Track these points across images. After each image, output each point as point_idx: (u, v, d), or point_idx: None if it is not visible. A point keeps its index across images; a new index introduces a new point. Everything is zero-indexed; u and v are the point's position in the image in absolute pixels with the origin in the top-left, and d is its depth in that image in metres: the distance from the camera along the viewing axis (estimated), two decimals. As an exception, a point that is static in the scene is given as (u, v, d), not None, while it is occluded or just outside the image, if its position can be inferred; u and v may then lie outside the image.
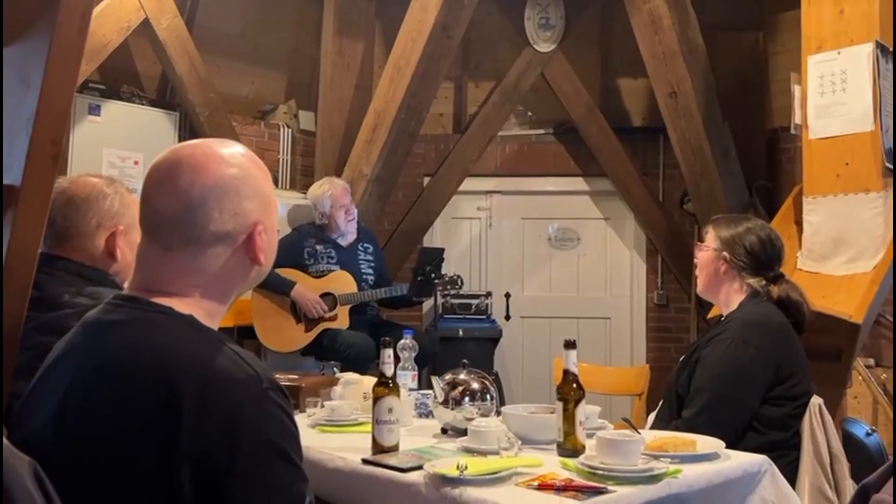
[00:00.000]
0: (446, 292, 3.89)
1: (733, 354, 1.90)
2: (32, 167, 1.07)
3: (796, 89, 2.91)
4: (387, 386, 1.67)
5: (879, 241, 2.63)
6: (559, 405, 1.66)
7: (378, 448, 1.64)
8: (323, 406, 2.19)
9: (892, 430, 3.71)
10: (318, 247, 3.87)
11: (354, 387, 2.17)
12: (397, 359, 2.45)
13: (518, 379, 5.30)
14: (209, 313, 1.07)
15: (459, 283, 3.82)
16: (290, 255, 3.79)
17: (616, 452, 1.45)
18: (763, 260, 2.11)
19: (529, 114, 5.35)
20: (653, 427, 2.08)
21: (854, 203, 2.68)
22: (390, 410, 1.66)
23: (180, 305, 1.04)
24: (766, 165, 4.93)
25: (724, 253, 2.11)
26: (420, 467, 1.50)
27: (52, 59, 1.02)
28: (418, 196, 5.15)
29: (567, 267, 5.39)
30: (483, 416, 1.86)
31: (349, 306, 3.78)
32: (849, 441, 2.57)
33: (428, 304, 4.73)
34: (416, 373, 2.43)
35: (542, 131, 5.33)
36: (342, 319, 3.75)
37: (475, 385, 1.89)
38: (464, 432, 1.83)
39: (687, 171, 4.40)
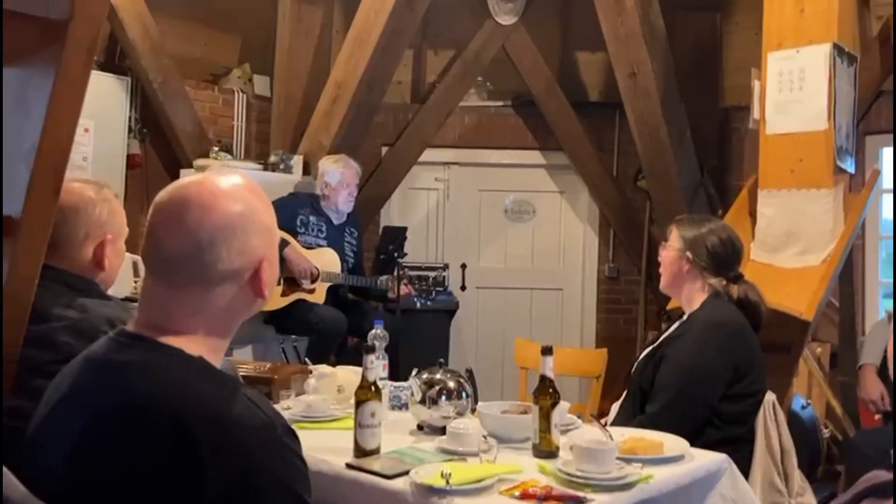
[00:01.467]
0: (406, 273, 3.93)
1: (696, 354, 2.00)
2: (34, 199, 1.06)
3: (756, 84, 3.00)
4: (370, 390, 1.71)
5: (828, 236, 2.76)
6: (536, 409, 1.73)
7: (360, 451, 1.69)
8: (296, 396, 2.23)
9: (824, 402, 3.94)
10: (311, 217, 3.88)
11: (328, 380, 2.20)
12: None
13: (472, 348, 5.41)
14: (214, 349, 1.09)
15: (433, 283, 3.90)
16: (283, 218, 3.76)
17: (592, 460, 1.53)
18: (724, 260, 2.20)
19: (488, 84, 5.35)
20: (616, 419, 2.19)
21: (806, 198, 2.80)
22: (373, 415, 1.70)
23: (188, 345, 1.05)
24: (717, 144, 5.07)
25: (688, 253, 2.19)
26: (404, 473, 1.56)
27: (57, 94, 1.00)
28: (376, 167, 5.13)
29: (522, 239, 5.48)
30: (459, 413, 1.92)
31: (329, 285, 3.80)
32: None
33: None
34: (386, 362, 2.47)
35: (500, 103, 5.34)
36: (319, 295, 3.78)
37: (451, 384, 1.95)
38: (440, 430, 1.90)
39: (643, 150, 4.49)
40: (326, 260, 3.85)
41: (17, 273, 1.10)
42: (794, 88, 2.84)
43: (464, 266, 5.35)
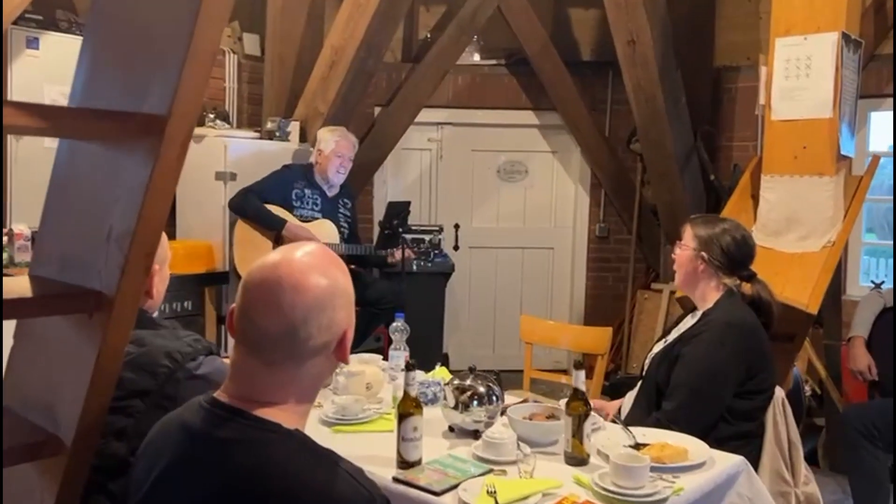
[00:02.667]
0: (413, 250, 3.97)
1: (711, 356, 2.11)
2: (127, 281, 1.09)
3: (763, 70, 3.03)
4: (413, 405, 1.79)
5: (828, 223, 2.86)
6: (568, 420, 1.83)
7: (404, 463, 1.78)
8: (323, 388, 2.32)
9: (807, 360, 4.13)
10: (306, 190, 3.89)
11: (357, 378, 2.27)
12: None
13: (465, 307, 5.52)
14: (304, 414, 1.16)
15: (429, 245, 3.93)
16: (279, 192, 3.81)
17: (628, 476, 1.63)
18: (738, 260, 2.28)
19: (482, 42, 5.30)
20: (631, 412, 2.30)
21: (808, 185, 2.89)
22: (415, 429, 1.79)
23: (283, 416, 1.11)
24: (710, 106, 5.11)
25: (703, 253, 2.27)
26: (452, 488, 1.66)
27: (153, 185, 1.03)
28: (370, 128, 5.11)
29: (514, 199, 5.53)
30: (490, 418, 2.02)
31: None
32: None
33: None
34: (407, 353, 2.55)
35: (494, 62, 5.31)
36: None
37: (481, 389, 2.03)
38: (471, 433, 2.01)
39: (638, 117, 4.52)
40: (325, 232, 3.88)
41: (108, 346, 1.14)
42: (801, 76, 2.88)
43: (457, 226, 5.43)
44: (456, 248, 5.39)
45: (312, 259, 1.16)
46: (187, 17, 0.99)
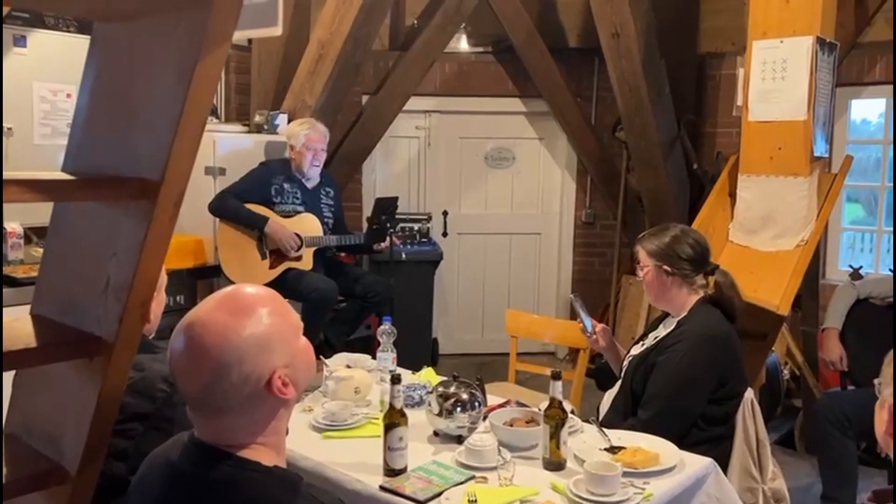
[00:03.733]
0: (398, 234, 4.03)
1: (686, 367, 2.19)
2: (125, 329, 1.17)
3: (740, 72, 3.09)
4: (399, 416, 1.89)
5: (802, 222, 2.95)
6: (546, 427, 1.93)
7: (390, 471, 1.88)
8: (313, 391, 2.42)
9: (785, 345, 4.25)
10: (285, 185, 3.90)
11: (346, 382, 2.37)
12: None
13: (454, 292, 5.62)
14: (276, 451, 1.22)
15: (416, 235, 4.00)
16: (259, 190, 3.83)
17: (601, 484, 1.74)
18: (698, 260, 2.36)
19: (469, 30, 5.32)
20: (608, 414, 2.41)
21: (783, 185, 2.97)
22: (401, 439, 1.88)
23: (257, 455, 1.18)
24: (693, 93, 5.17)
25: (664, 266, 2.33)
26: (436, 496, 1.76)
27: (148, 244, 1.10)
28: (358, 117, 5.15)
29: (502, 185, 5.60)
30: (472, 423, 2.12)
31: (314, 248, 3.89)
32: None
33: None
34: (395, 355, 2.65)
35: (480, 49, 5.34)
36: (307, 260, 3.87)
37: (464, 395, 2.13)
38: (455, 438, 2.11)
39: (623, 106, 4.58)
40: (307, 225, 3.92)
41: (108, 387, 1.22)
42: (777, 78, 2.95)
43: (445, 213, 5.50)
44: (445, 234, 5.46)
45: (220, 315, 1.16)
46: (179, 87, 1.05)
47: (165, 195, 1.07)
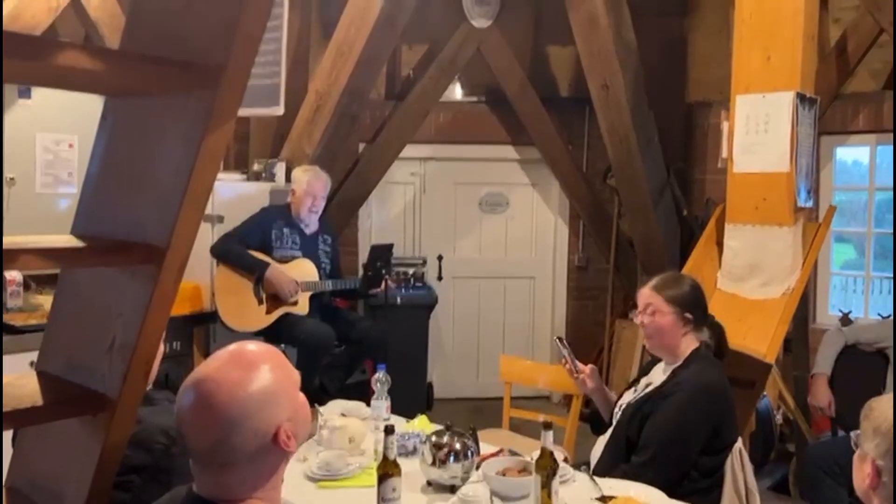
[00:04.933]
0: (392, 278, 4.10)
1: (681, 418, 2.23)
2: (128, 386, 1.22)
3: (724, 126, 3.19)
4: (392, 467, 1.92)
5: (787, 270, 3.02)
6: (537, 477, 1.96)
7: (384, 522, 1.91)
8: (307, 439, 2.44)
9: (777, 390, 4.29)
10: (284, 230, 3.97)
11: (340, 432, 2.40)
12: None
13: (449, 336, 5.66)
14: (275, 501, 1.27)
15: (411, 278, 4.06)
16: (258, 235, 3.90)
17: (591, 535, 1.77)
18: (704, 307, 2.43)
19: (463, 80, 5.45)
20: (601, 460, 2.43)
21: (769, 234, 3.04)
22: (394, 489, 1.91)
23: None
24: (682, 141, 5.30)
25: (687, 314, 2.37)
26: (428, 547, 1.79)
27: (152, 306, 1.16)
28: (354, 164, 5.24)
29: (496, 230, 5.69)
30: (465, 473, 2.15)
31: (310, 293, 3.95)
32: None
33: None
34: (389, 403, 2.68)
35: (474, 99, 5.46)
36: (303, 305, 3.93)
37: (458, 445, 2.17)
38: (448, 488, 2.14)
39: (613, 155, 4.69)
40: (303, 270, 3.98)
41: (111, 442, 1.26)
42: (760, 131, 3.04)
43: (440, 257, 5.54)
44: (439, 278, 5.50)
45: (228, 372, 1.22)
46: (185, 160, 1.12)
47: (171, 260, 1.13)
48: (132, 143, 1.22)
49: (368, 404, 2.76)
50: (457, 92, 5.45)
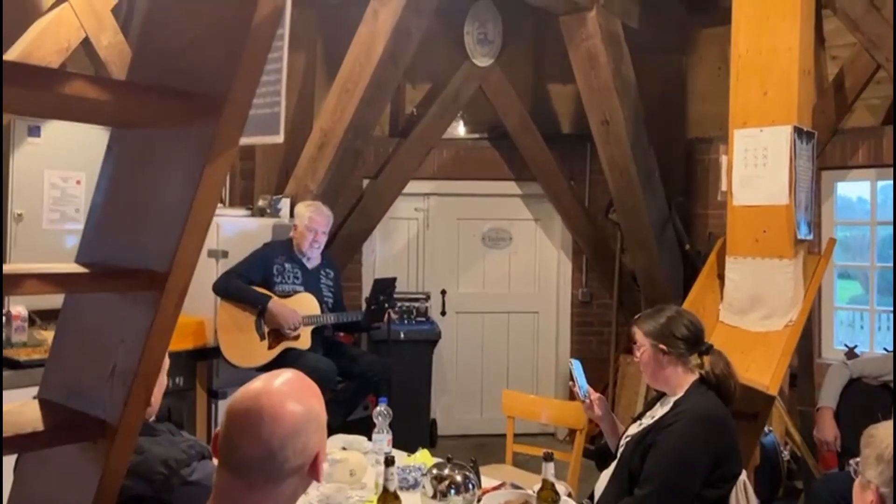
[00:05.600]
0: (395, 311, 4.10)
1: (682, 449, 2.22)
2: (129, 412, 1.23)
3: (724, 159, 3.23)
4: (392, 499, 1.92)
5: (789, 303, 3.02)
6: (539, 509, 1.96)
7: (385, 553, 1.90)
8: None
9: (784, 426, 4.25)
10: (286, 264, 3.99)
11: (341, 465, 2.39)
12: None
13: (452, 371, 5.64)
14: None
15: (413, 311, 4.06)
16: (261, 270, 3.93)
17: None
18: (693, 339, 2.42)
19: (465, 117, 5.53)
20: (604, 494, 2.41)
21: (770, 267, 3.05)
22: (395, 521, 1.91)
23: None
24: (683, 176, 5.34)
25: (661, 346, 2.39)
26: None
27: (154, 331, 1.17)
28: (358, 200, 5.29)
29: (499, 265, 5.70)
30: (467, 505, 2.14)
31: (312, 327, 3.95)
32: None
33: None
34: (390, 437, 2.67)
35: (477, 136, 5.53)
36: (304, 340, 3.93)
37: (458, 478, 2.16)
38: (450, 521, 2.12)
39: (614, 189, 4.73)
40: (306, 304, 3.99)
41: (111, 469, 1.27)
42: (759, 164, 3.07)
43: (444, 292, 5.58)
44: (443, 313, 5.53)
45: (290, 388, 1.30)
46: (188, 188, 1.15)
47: (172, 286, 1.15)
48: (136, 172, 1.25)
49: (370, 439, 2.76)
50: (460, 129, 5.52)
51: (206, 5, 1.14)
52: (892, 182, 4.41)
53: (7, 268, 1.08)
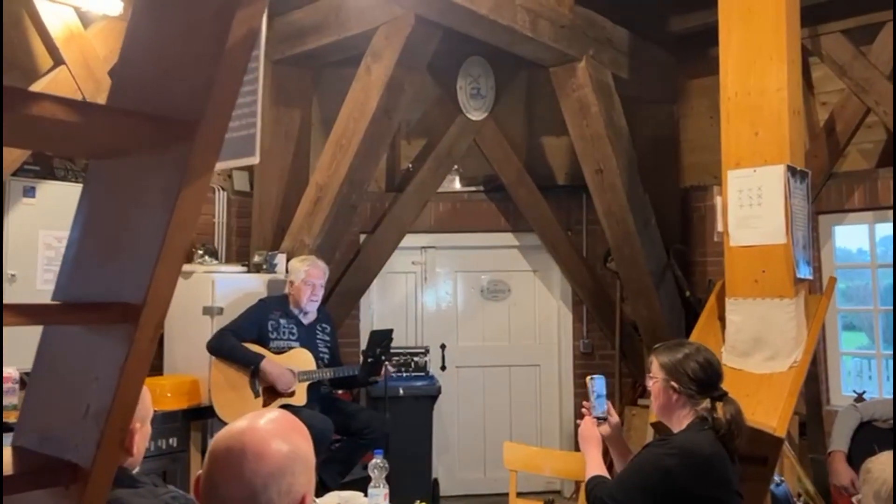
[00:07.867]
0: (392, 367, 4.04)
1: (650, 458, 2.22)
2: (102, 454, 1.17)
3: (718, 200, 3.21)
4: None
5: (793, 343, 2.96)
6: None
7: None
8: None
9: (796, 475, 4.12)
10: (281, 320, 3.95)
11: (337, 516, 2.31)
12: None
13: (454, 426, 5.52)
14: None
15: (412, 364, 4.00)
16: (255, 327, 3.88)
17: None
18: (706, 382, 2.35)
19: (461, 170, 5.55)
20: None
21: (770, 307, 3.00)
22: (390, 575, 1.82)
23: None
24: (680, 223, 5.33)
25: (672, 382, 2.34)
26: None
27: (128, 367, 1.13)
28: (355, 255, 5.27)
29: (499, 317, 5.64)
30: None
31: (308, 383, 3.88)
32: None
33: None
34: (387, 491, 2.58)
35: (473, 188, 5.54)
36: (300, 396, 3.85)
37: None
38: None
39: (611, 237, 4.71)
40: (300, 360, 3.94)
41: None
42: (754, 204, 3.06)
43: (443, 346, 5.50)
44: (443, 367, 5.44)
45: (275, 426, 1.25)
46: (163, 215, 1.12)
47: (147, 318, 1.11)
48: (111, 204, 1.22)
49: (366, 495, 2.67)
50: (455, 182, 5.54)
51: (182, 34, 1.13)
52: (891, 228, 4.38)
53: (-25, 301, 1.04)
